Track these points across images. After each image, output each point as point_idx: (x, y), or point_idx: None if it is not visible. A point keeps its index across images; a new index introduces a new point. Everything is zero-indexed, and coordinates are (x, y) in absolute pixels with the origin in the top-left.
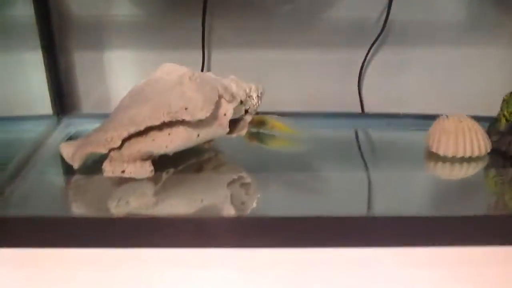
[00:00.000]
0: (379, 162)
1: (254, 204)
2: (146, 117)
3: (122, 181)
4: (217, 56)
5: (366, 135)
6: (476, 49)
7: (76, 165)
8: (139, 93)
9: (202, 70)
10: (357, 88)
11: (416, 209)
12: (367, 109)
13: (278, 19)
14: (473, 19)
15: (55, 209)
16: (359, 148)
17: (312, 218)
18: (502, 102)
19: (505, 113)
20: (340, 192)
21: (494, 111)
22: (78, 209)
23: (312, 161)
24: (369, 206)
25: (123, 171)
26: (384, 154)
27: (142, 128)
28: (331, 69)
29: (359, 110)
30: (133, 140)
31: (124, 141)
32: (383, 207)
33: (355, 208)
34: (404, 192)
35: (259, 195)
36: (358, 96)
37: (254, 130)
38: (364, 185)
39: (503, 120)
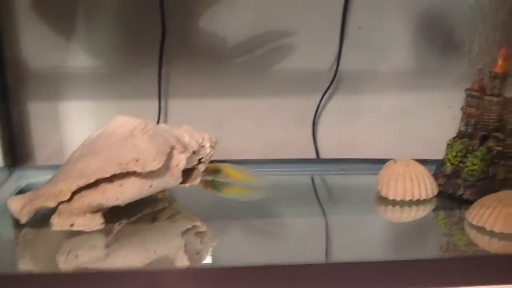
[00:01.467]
0: (334, 207)
1: (210, 253)
2: (96, 169)
3: (72, 234)
4: (173, 106)
5: (321, 180)
6: (422, 95)
7: (23, 220)
8: (90, 146)
9: (158, 120)
10: (311, 134)
11: (371, 254)
12: (322, 155)
13: (235, 69)
14: (419, 67)
15: (1, 266)
16: (315, 193)
17: (269, 266)
18: (447, 147)
19: (450, 157)
20: (296, 239)
21: (440, 155)
22: (25, 265)
23: (268, 208)
24: (326, 252)
25: (72, 225)
26: (338, 199)
27: (92, 180)
28: (286, 116)
29: (314, 156)
30: (83, 193)
31: (74, 193)
32: (339, 253)
33: (312, 254)
34: (358, 237)
35: (214, 244)
36: (313, 142)
37: (209, 178)
38: (319, 231)
39: (448, 164)
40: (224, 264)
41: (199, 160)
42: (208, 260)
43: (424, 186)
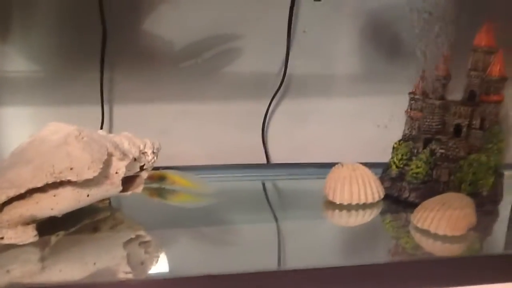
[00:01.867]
0: (283, 212)
1: (155, 264)
2: (27, 178)
3: (3, 248)
4: (117, 112)
5: (272, 185)
6: (369, 99)
7: None
8: (21, 154)
9: (101, 126)
10: (261, 139)
11: (322, 259)
12: (272, 159)
13: (180, 73)
14: (366, 71)
15: None
16: (266, 198)
17: (219, 276)
18: (392, 150)
19: (395, 160)
20: (246, 246)
21: (386, 158)
22: None
23: (217, 214)
24: (278, 259)
25: (1, 238)
26: (287, 204)
27: (23, 190)
28: (234, 121)
29: (264, 161)
30: (14, 204)
31: (4, 204)
32: (290, 259)
33: (263, 262)
34: (309, 242)
35: (160, 254)
36: (262, 146)
37: (154, 185)
38: (269, 237)
39: (394, 167)
40: (170, 274)
41: (141, 167)
42: (153, 270)
43: (370, 189)
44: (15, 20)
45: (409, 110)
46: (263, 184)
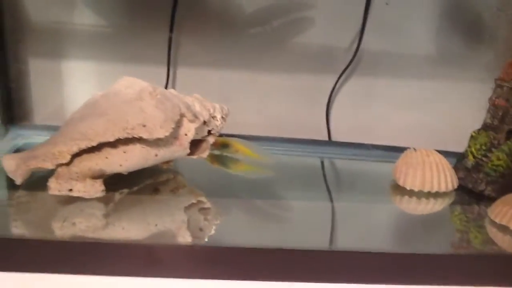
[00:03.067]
0: (344, 193)
1: (213, 232)
2: (99, 131)
3: (69, 200)
4: (182, 73)
5: (331, 164)
6: (446, 83)
7: (19, 180)
8: (94, 106)
9: (165, 87)
10: (325, 115)
11: (378, 245)
12: (334, 138)
13: (248, 40)
14: (443, 53)
15: None
16: (324, 177)
17: (272, 250)
18: (470, 139)
19: (473, 150)
20: (303, 223)
21: (462, 147)
22: (17, 229)
23: (275, 188)
24: (331, 239)
25: (70, 190)
26: (349, 185)
27: (94, 143)
28: (299, 95)
29: (326, 138)
30: (84, 156)
31: (74, 156)
32: (345, 241)
33: (318, 240)
34: (367, 226)
35: (218, 222)
36: (325, 123)
37: (217, 152)
38: (327, 216)
39: (471, 157)
40: (226, 243)
41: (209, 131)
42: (211, 238)
43: (444, 177)
44: None
45: (493, 97)
46: (322, 162)
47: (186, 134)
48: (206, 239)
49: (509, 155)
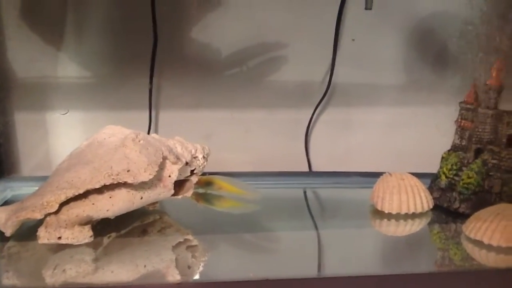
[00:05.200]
0: (327, 221)
1: (201, 268)
2: (86, 180)
3: (59, 248)
4: (164, 117)
5: (314, 193)
6: (416, 108)
7: (8, 232)
8: (79, 156)
9: (148, 131)
10: (304, 147)
11: (365, 268)
12: (314, 168)
13: (226, 81)
14: (412, 81)
15: None
16: (308, 206)
17: (262, 281)
18: (441, 160)
19: (445, 170)
20: (289, 252)
21: (434, 168)
22: (8, 280)
23: (260, 221)
24: (319, 266)
25: (59, 237)
26: (331, 213)
27: (81, 191)
28: (278, 129)
29: (306, 169)
30: (71, 204)
31: (62, 205)
32: (333, 267)
33: (306, 268)
34: (351, 250)
35: (206, 258)
36: (305, 155)
37: (201, 191)
38: (313, 244)
39: (443, 177)
40: (215, 278)
41: (192, 171)
42: (199, 275)
43: (419, 199)
44: (69, 27)
45: (459, 119)
46: (305, 192)
47: (169, 176)
48: (194, 276)
49: (479, 173)
